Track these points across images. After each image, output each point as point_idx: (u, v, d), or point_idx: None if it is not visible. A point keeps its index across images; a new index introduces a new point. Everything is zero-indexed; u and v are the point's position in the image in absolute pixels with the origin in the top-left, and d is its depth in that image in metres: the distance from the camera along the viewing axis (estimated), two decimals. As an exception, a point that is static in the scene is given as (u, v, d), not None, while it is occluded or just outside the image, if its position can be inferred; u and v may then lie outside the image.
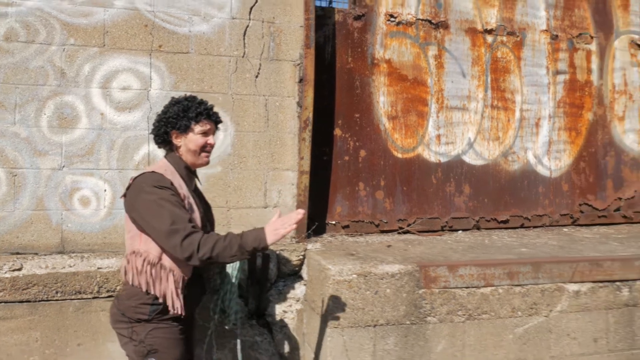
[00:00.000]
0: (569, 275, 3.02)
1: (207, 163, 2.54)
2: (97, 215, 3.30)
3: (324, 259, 3.00)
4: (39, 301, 2.94)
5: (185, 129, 2.45)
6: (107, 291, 3.02)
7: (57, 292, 2.95)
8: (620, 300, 3.10)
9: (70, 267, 3.02)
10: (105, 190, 3.30)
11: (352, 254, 3.17)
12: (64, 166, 3.24)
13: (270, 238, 2.26)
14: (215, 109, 2.57)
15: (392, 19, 4.18)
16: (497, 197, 4.44)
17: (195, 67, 3.44)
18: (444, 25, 4.32)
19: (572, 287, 3.03)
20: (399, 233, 4.09)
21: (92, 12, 3.28)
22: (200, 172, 3.00)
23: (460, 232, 4.27)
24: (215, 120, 2.54)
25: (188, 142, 2.46)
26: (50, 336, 2.97)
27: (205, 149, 2.50)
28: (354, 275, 2.78)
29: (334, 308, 2.77)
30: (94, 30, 3.28)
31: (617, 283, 3.10)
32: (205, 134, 2.48)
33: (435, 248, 3.50)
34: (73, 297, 2.98)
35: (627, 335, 3.10)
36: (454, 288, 2.88)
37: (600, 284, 3.08)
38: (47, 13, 3.21)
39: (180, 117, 2.44)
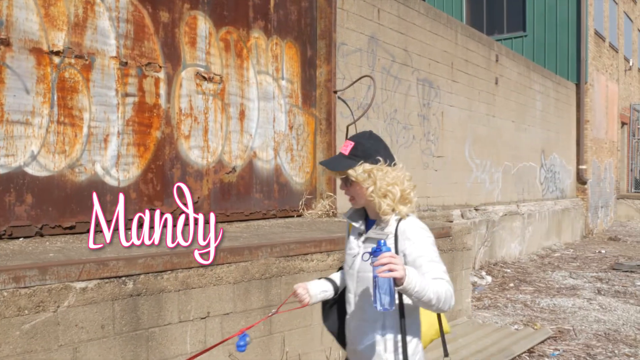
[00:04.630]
0: (76, 274, 3.61)
1: None
2: None
3: None
4: None
5: None
6: None
7: None
8: (125, 291, 3.84)
9: None
10: None
11: None
12: None
13: None
14: None
15: (-59, 30, 4.17)
16: (63, 205, 4.86)
17: None
18: (5, 43, 4.50)
19: (80, 284, 3.63)
20: (-55, 245, 4.12)
21: None
22: None
23: (21, 239, 4.54)
24: None
25: None
26: None
27: None
28: None
29: None
30: None
31: (123, 278, 3.84)
32: None
33: (-34, 259, 3.68)
34: None
35: (132, 319, 3.87)
36: (-49, 297, 3.14)
37: (107, 280, 3.76)
38: None
39: None
